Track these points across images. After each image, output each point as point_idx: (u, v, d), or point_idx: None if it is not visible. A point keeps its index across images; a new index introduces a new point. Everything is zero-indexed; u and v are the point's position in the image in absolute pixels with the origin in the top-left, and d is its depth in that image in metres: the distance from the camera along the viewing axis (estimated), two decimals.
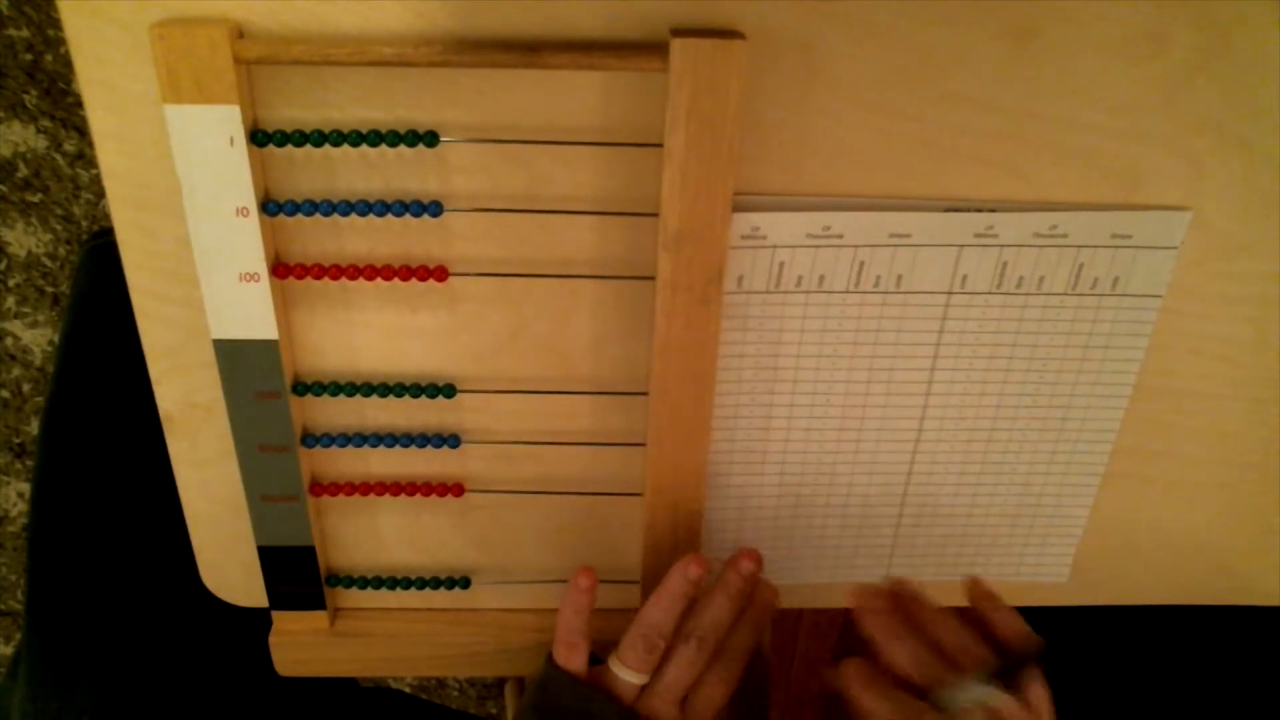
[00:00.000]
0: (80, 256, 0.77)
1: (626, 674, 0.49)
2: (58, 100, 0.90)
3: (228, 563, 0.56)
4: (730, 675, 0.50)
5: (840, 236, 0.48)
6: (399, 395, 0.50)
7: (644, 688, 0.49)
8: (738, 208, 0.46)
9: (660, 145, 0.43)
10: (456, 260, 0.48)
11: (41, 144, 0.91)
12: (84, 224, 0.95)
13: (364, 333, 0.50)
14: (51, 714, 0.59)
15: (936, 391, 0.53)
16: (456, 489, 0.54)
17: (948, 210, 0.47)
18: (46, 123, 0.90)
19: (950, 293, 0.50)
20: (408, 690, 1.33)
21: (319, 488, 0.53)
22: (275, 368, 0.48)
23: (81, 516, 0.63)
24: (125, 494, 0.64)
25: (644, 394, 0.50)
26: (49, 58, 0.88)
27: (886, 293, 0.50)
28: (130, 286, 0.47)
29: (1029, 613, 0.76)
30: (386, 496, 0.54)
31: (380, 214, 0.45)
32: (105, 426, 0.66)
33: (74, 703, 0.58)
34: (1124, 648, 0.68)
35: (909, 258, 0.49)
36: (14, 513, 1.24)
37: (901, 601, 0.50)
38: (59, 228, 0.95)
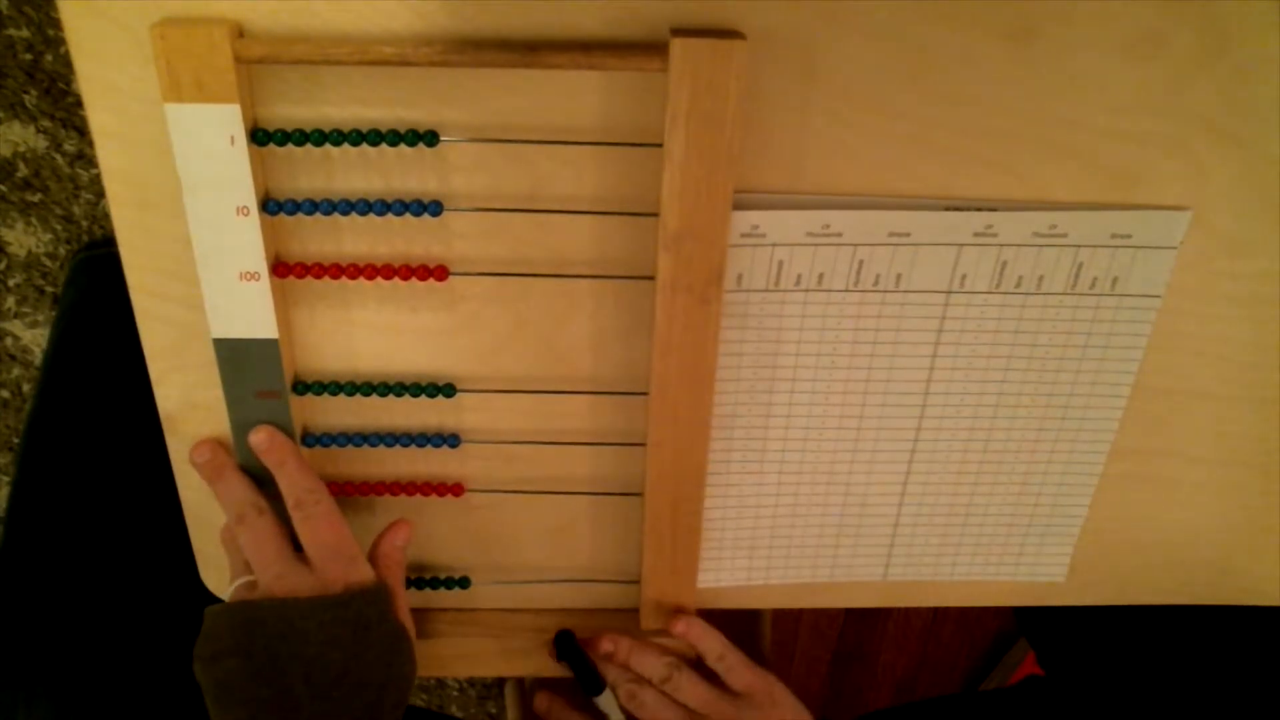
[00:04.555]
0: (69, 268, 0.77)
1: (238, 582, 0.50)
2: (58, 100, 0.89)
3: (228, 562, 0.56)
4: (311, 514, 0.48)
5: (840, 235, 0.48)
6: (399, 395, 0.50)
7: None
8: (737, 206, 0.46)
9: (660, 145, 0.43)
10: (456, 260, 0.48)
11: (41, 144, 0.91)
12: (84, 224, 0.95)
13: (364, 332, 0.50)
14: None
15: (935, 390, 0.53)
16: (456, 489, 0.54)
17: (947, 209, 0.47)
18: (46, 123, 0.90)
19: (949, 292, 0.50)
20: None
21: None
22: (275, 367, 0.48)
23: (57, 530, 0.63)
24: (108, 507, 0.63)
25: (644, 394, 0.50)
26: (49, 58, 0.87)
27: (886, 291, 0.50)
28: (130, 286, 0.47)
29: (1028, 612, 0.76)
30: (386, 496, 0.54)
31: (380, 213, 0.45)
32: (90, 438, 0.65)
33: (36, 713, 0.58)
34: (1123, 648, 0.68)
35: (908, 257, 0.49)
36: None
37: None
38: (59, 228, 0.95)
